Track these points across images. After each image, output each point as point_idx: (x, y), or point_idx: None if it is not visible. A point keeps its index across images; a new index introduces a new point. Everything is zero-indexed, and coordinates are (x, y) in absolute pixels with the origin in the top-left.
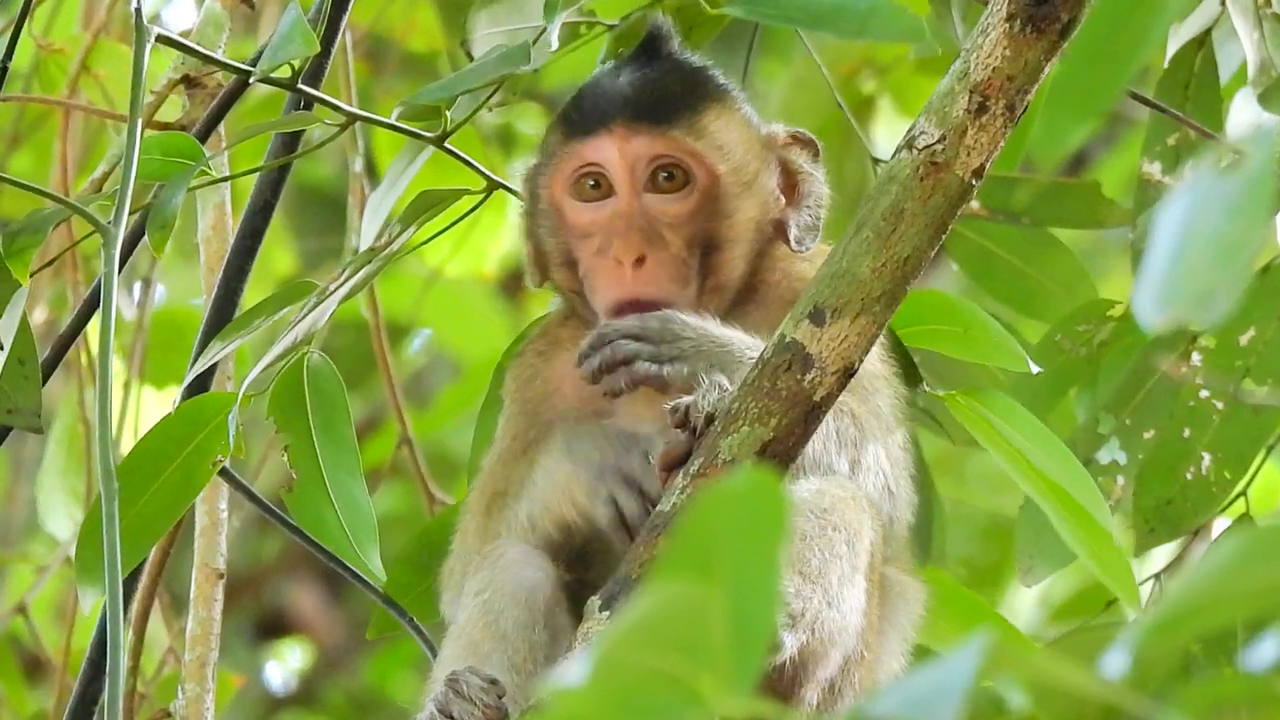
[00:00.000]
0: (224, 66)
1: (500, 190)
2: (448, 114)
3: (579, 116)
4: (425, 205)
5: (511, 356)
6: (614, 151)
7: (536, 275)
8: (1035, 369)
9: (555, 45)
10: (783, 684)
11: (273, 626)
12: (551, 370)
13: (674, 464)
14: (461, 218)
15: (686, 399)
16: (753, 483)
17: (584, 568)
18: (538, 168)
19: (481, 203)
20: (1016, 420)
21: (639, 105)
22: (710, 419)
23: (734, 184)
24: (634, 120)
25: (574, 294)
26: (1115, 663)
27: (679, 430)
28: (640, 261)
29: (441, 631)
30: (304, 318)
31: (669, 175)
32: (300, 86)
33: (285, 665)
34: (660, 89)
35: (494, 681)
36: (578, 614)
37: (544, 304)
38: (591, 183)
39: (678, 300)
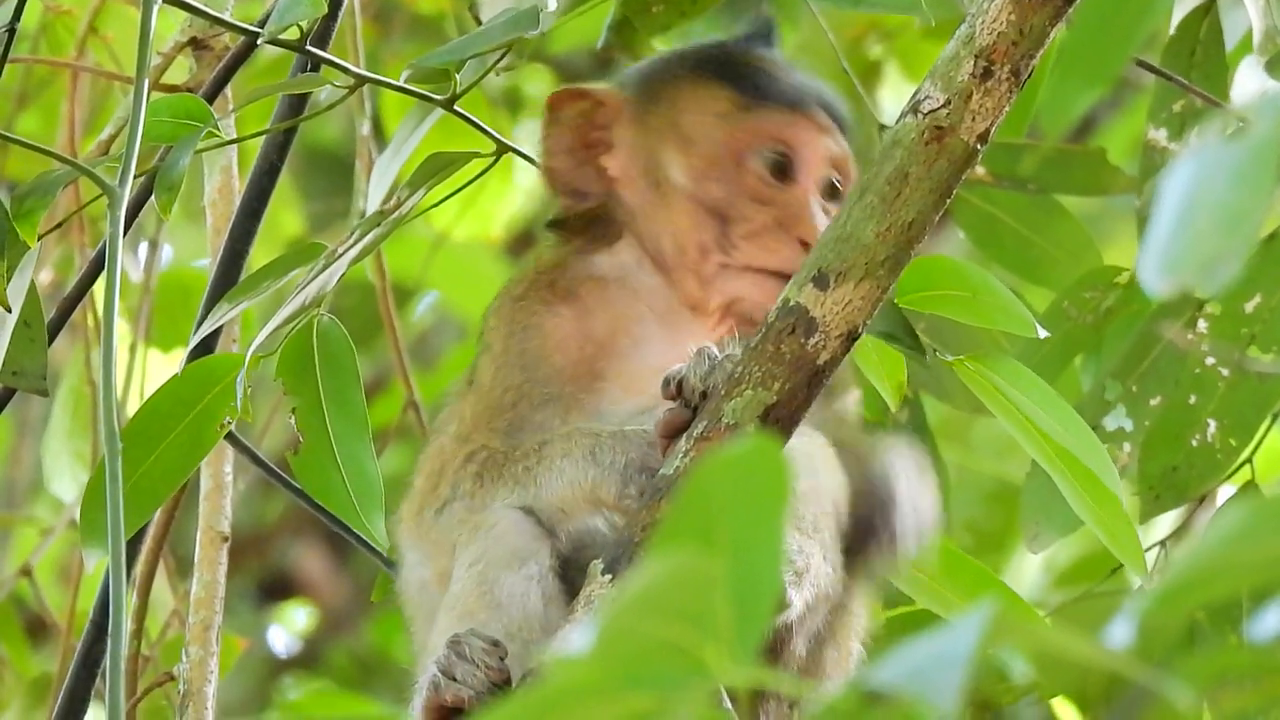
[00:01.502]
0: (231, 28)
1: (508, 154)
2: (457, 77)
3: (780, 90)
4: (435, 168)
5: (506, 297)
6: (815, 142)
7: (569, 185)
8: (1043, 333)
9: (553, 5)
10: (776, 637)
11: (277, 588)
12: (556, 324)
13: (673, 432)
14: (471, 181)
15: (679, 368)
16: (755, 449)
17: (580, 540)
18: (685, 97)
19: (491, 166)
20: (1025, 385)
21: (830, 107)
22: (704, 395)
23: None
24: (830, 117)
25: (682, 243)
26: (1121, 632)
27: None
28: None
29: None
30: (313, 280)
31: (835, 188)
32: (309, 48)
33: (289, 628)
34: (837, 102)
35: (496, 643)
36: (570, 580)
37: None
38: (775, 159)
39: None
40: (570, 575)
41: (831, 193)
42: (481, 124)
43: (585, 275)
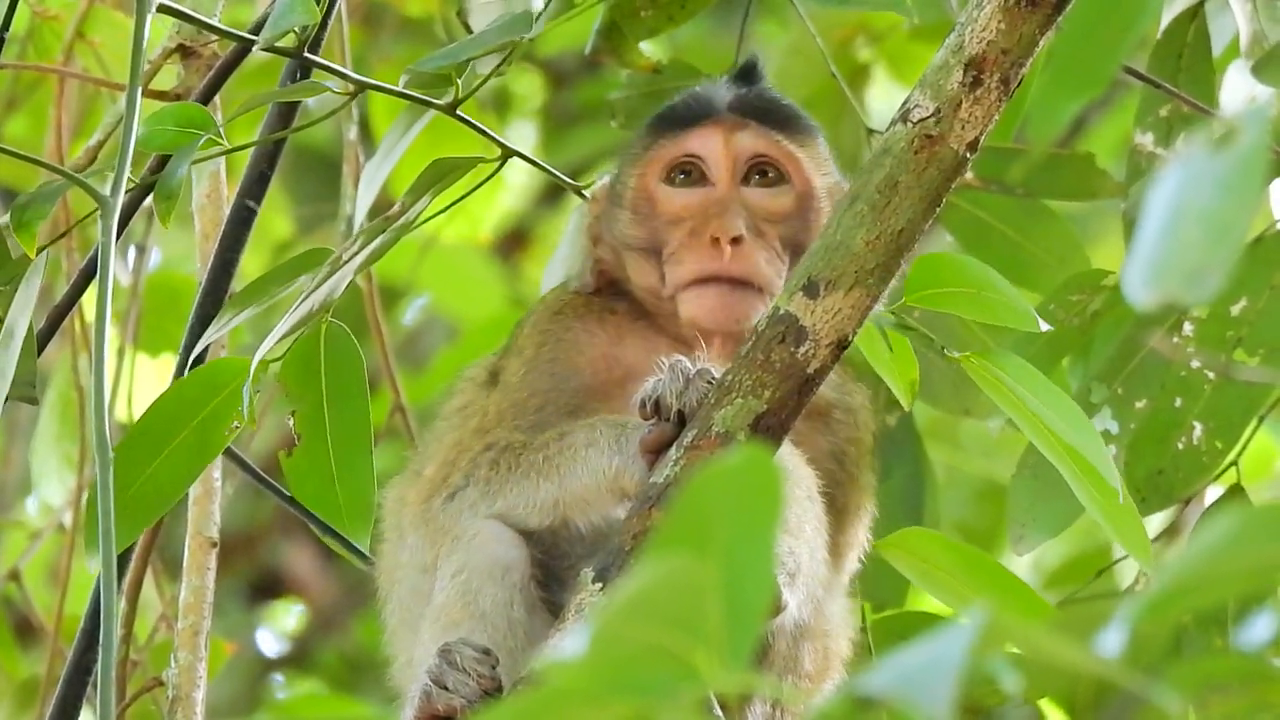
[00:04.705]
0: (226, 35)
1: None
2: (458, 81)
3: (680, 113)
4: (439, 174)
5: (544, 309)
6: (718, 141)
7: (592, 281)
8: (1045, 326)
9: (539, 3)
10: (762, 636)
11: (267, 587)
12: (589, 342)
13: (658, 448)
14: (477, 187)
15: (652, 386)
16: (748, 460)
17: (556, 547)
18: (625, 164)
19: (497, 171)
20: (1028, 380)
21: (747, 105)
22: (682, 415)
23: (826, 202)
24: (741, 116)
25: (645, 289)
26: (1111, 640)
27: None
28: (737, 241)
29: None
30: (319, 286)
31: (764, 173)
32: (306, 55)
33: (278, 628)
34: (770, 100)
35: (487, 652)
36: (549, 589)
37: (541, 268)
38: (684, 174)
39: (768, 285)
40: (549, 584)
41: (762, 176)
42: (485, 129)
43: (622, 302)
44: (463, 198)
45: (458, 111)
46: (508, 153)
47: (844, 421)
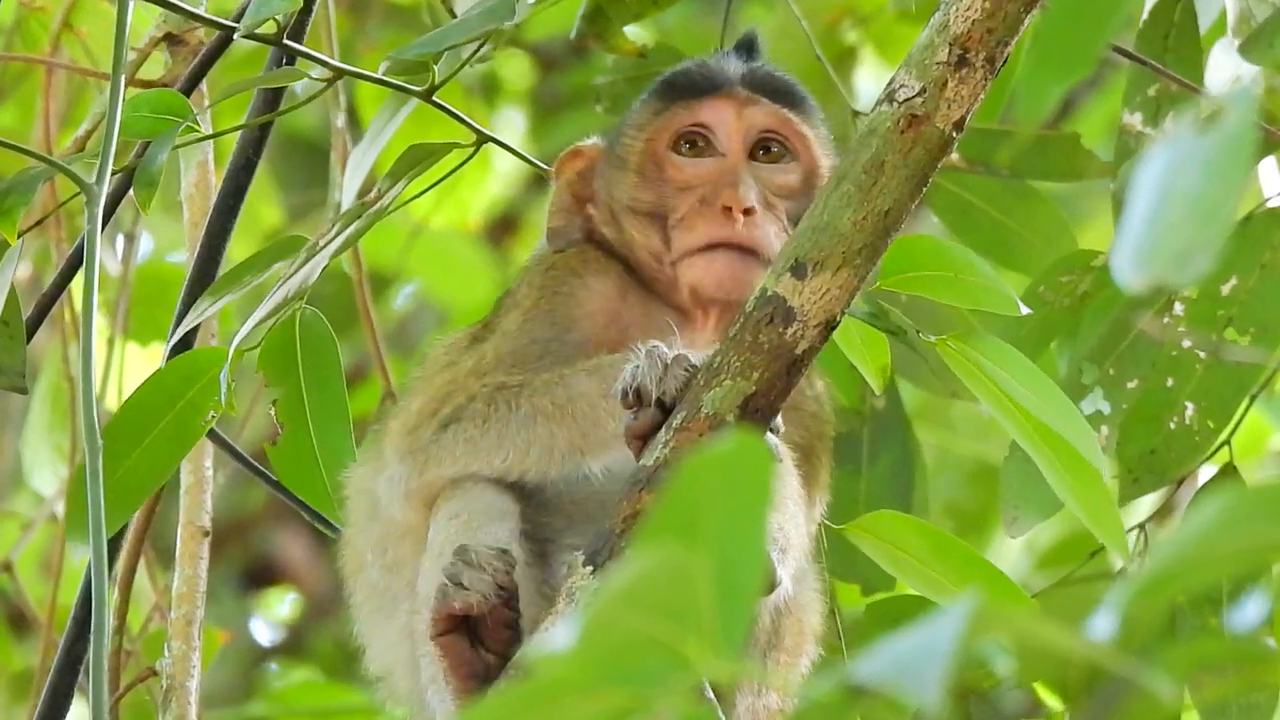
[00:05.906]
0: (208, 23)
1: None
2: (435, 68)
3: (693, 82)
4: (415, 159)
5: (536, 266)
6: (730, 114)
7: (564, 237)
8: (1025, 310)
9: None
10: None
11: (260, 575)
12: (589, 293)
13: (644, 435)
14: (451, 172)
15: (631, 374)
16: (740, 446)
17: (537, 519)
18: (629, 126)
19: (471, 156)
20: (1009, 363)
21: (758, 81)
22: (662, 403)
23: None
24: (754, 90)
25: (646, 251)
26: (1102, 624)
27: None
28: (749, 212)
29: None
30: (295, 274)
31: (769, 148)
32: (286, 41)
33: (272, 616)
34: (780, 78)
35: (505, 551)
36: (539, 542)
37: (529, 253)
38: (690, 144)
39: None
40: (539, 541)
41: (766, 152)
42: (461, 115)
43: (618, 259)
44: (438, 182)
45: (434, 98)
46: (483, 138)
47: (815, 414)
